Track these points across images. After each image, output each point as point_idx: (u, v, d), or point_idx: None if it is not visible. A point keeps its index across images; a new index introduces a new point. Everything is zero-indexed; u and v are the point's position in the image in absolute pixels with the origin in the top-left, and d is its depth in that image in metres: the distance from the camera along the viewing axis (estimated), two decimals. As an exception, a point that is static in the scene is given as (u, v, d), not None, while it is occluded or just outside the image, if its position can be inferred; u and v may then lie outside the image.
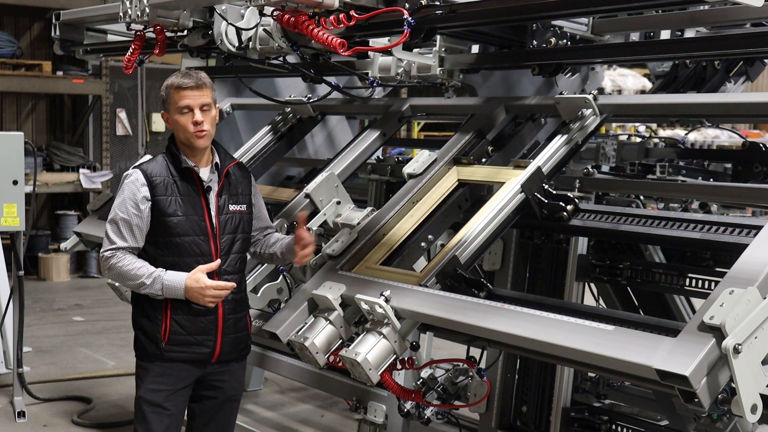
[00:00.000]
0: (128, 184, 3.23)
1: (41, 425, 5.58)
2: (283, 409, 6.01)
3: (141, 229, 3.20)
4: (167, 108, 3.26)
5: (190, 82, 3.20)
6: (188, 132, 3.21)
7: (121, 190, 3.25)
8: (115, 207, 3.23)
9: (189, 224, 3.22)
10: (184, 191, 3.24)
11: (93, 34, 4.88)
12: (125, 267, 3.18)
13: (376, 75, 3.89)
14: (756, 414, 2.15)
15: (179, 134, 3.27)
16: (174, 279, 3.16)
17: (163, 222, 3.20)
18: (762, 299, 2.18)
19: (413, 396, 3.40)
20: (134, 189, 3.21)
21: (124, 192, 3.23)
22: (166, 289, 3.16)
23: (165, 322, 3.21)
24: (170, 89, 3.23)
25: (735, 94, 4.70)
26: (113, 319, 8.43)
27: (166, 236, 3.20)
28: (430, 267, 3.02)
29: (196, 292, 3.14)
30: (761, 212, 7.25)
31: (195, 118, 3.20)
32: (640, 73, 12.58)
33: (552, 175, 3.30)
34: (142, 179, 3.21)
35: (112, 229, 3.23)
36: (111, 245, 3.22)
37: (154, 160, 3.31)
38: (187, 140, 3.24)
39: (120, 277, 3.23)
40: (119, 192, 3.26)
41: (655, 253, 4.00)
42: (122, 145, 11.77)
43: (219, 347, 3.29)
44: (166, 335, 3.22)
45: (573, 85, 4.51)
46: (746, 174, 4.07)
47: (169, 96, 3.23)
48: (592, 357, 2.32)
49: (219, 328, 3.28)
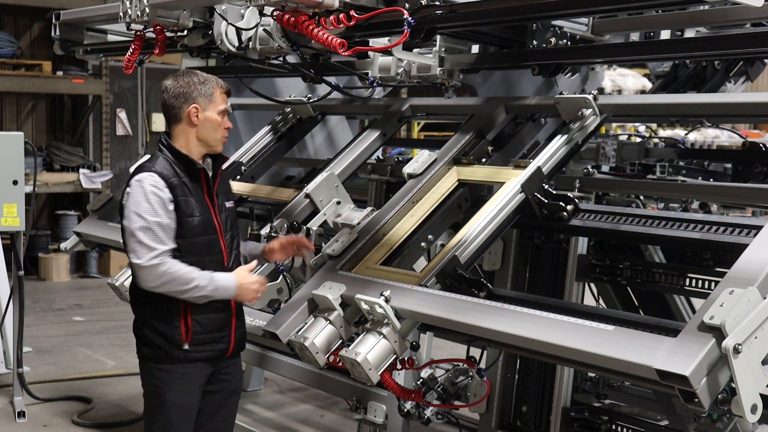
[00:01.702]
0: (151, 187, 3.13)
1: (41, 425, 5.58)
2: (283, 409, 6.01)
3: (173, 231, 3.15)
4: (205, 105, 3.21)
5: (228, 88, 3.26)
6: (220, 134, 3.25)
7: (142, 195, 3.12)
8: (143, 213, 3.11)
9: (204, 224, 3.23)
10: (194, 191, 3.23)
11: (93, 34, 4.88)
12: (177, 271, 3.10)
13: (376, 75, 3.89)
14: (756, 414, 2.15)
15: (207, 133, 3.22)
16: (225, 279, 3.18)
17: (184, 223, 3.18)
18: (762, 299, 2.18)
19: (413, 396, 3.40)
20: (158, 192, 3.13)
21: (148, 196, 3.12)
22: (219, 290, 3.15)
23: (185, 324, 3.20)
24: (215, 88, 3.22)
25: (735, 94, 4.70)
26: (113, 319, 8.43)
27: (186, 237, 3.18)
28: (430, 267, 3.02)
29: (246, 288, 3.18)
30: (761, 212, 7.24)
31: (228, 123, 3.26)
32: (640, 73, 12.57)
33: (552, 175, 3.30)
34: (162, 181, 3.15)
35: (147, 236, 3.10)
36: (153, 252, 3.09)
37: (157, 161, 3.23)
38: (215, 141, 3.25)
39: (171, 282, 3.10)
40: (139, 197, 3.12)
41: (655, 253, 4.00)
42: (122, 145, 11.76)
43: (233, 342, 3.34)
44: (188, 336, 3.21)
45: (573, 85, 4.51)
46: (746, 174, 4.07)
47: (213, 94, 3.21)
48: (592, 357, 2.32)
49: (233, 323, 3.32)
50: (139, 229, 3.11)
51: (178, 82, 3.23)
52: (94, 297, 9.79)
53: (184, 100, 3.21)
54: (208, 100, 3.21)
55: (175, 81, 3.23)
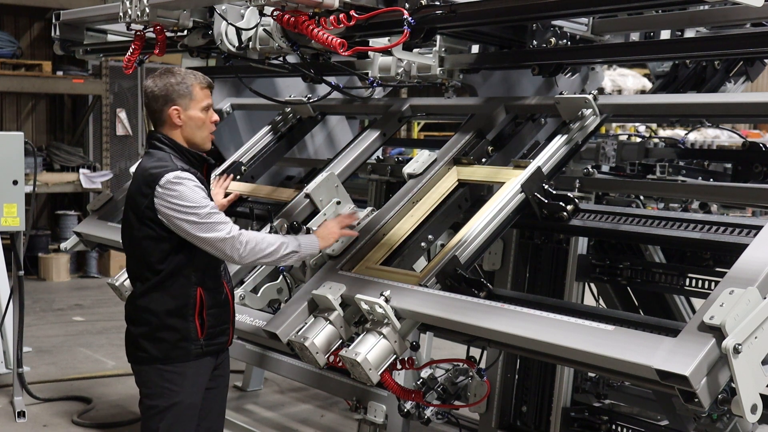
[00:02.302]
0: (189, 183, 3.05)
1: (41, 425, 5.58)
2: (283, 409, 6.01)
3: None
4: (185, 104, 3.16)
5: (208, 81, 3.21)
6: (206, 131, 3.22)
7: (188, 189, 3.05)
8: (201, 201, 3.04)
9: None
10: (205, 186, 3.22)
11: (93, 34, 4.88)
12: (257, 235, 3.08)
13: (376, 75, 3.89)
14: (756, 414, 2.15)
15: (193, 132, 3.19)
16: (305, 236, 3.20)
17: None
18: (762, 299, 2.18)
19: (413, 396, 3.40)
20: (196, 187, 3.07)
21: (195, 189, 3.06)
22: (303, 246, 3.13)
23: (201, 317, 3.19)
24: (194, 85, 3.17)
25: (735, 94, 4.70)
26: (113, 319, 8.42)
27: None
28: (430, 267, 3.01)
29: (333, 227, 3.22)
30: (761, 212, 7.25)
31: (214, 117, 3.22)
32: (640, 73, 12.57)
33: (552, 175, 3.30)
34: (193, 176, 3.10)
35: (216, 216, 3.05)
36: (230, 225, 3.06)
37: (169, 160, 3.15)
38: (202, 139, 3.22)
39: (260, 244, 3.06)
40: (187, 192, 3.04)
41: (655, 253, 4.00)
42: (122, 145, 11.77)
43: (232, 333, 3.37)
44: (204, 331, 3.20)
45: (573, 85, 4.50)
46: (746, 174, 4.07)
47: (191, 92, 3.16)
48: (592, 357, 2.32)
49: (231, 314, 3.34)
50: (206, 215, 3.04)
51: (156, 84, 3.16)
52: (94, 297, 9.79)
53: (164, 103, 3.16)
54: (188, 100, 3.17)
55: (154, 83, 3.17)
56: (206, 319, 3.21)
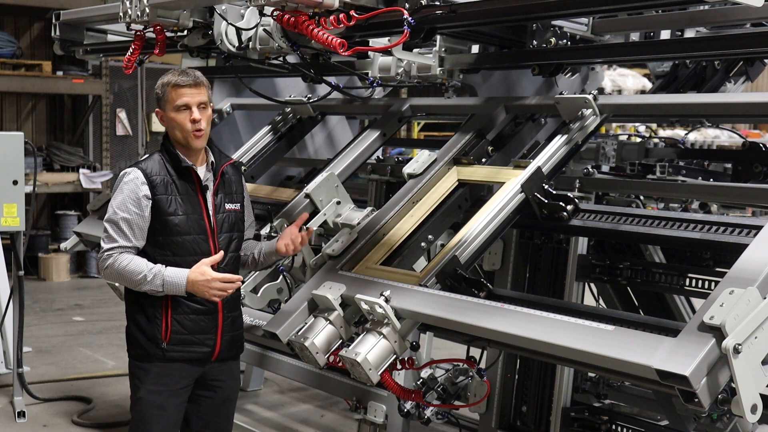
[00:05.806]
0: (128, 182, 3.19)
1: (41, 425, 5.58)
2: (283, 409, 6.01)
3: (142, 229, 3.17)
4: (163, 106, 3.23)
5: (187, 79, 3.18)
6: (186, 131, 3.19)
7: (119, 189, 3.20)
8: (114, 206, 3.18)
9: (189, 223, 3.21)
10: (183, 190, 3.23)
11: (93, 34, 4.88)
12: (126, 265, 3.14)
13: (376, 75, 3.89)
14: (756, 414, 2.15)
15: (175, 133, 3.23)
16: (175, 274, 3.12)
17: (164, 221, 3.18)
18: (762, 299, 2.18)
19: (413, 396, 3.40)
20: (134, 188, 3.17)
21: (123, 191, 3.18)
22: (167, 285, 3.11)
23: (165, 322, 3.20)
24: (167, 87, 3.20)
25: (735, 94, 4.70)
26: (113, 319, 8.42)
27: (166, 235, 3.19)
28: (430, 267, 3.02)
29: (202, 285, 3.08)
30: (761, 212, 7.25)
31: (193, 116, 3.18)
32: (640, 73, 12.57)
33: (552, 175, 3.30)
34: (142, 177, 3.18)
35: (112, 228, 3.17)
36: (112, 244, 3.17)
37: (150, 158, 3.27)
38: (185, 139, 3.22)
39: (119, 275, 3.17)
40: (117, 191, 3.21)
41: (655, 253, 4.00)
42: (122, 145, 11.77)
43: (219, 346, 3.29)
44: (167, 335, 3.20)
45: (573, 85, 4.51)
46: (746, 174, 4.07)
47: (165, 93, 3.20)
48: (592, 357, 2.32)
49: (219, 326, 3.28)
50: (106, 221, 3.21)
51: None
52: (94, 297, 9.79)
53: (156, 107, 3.29)
54: (164, 102, 3.22)
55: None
56: (171, 324, 3.20)
